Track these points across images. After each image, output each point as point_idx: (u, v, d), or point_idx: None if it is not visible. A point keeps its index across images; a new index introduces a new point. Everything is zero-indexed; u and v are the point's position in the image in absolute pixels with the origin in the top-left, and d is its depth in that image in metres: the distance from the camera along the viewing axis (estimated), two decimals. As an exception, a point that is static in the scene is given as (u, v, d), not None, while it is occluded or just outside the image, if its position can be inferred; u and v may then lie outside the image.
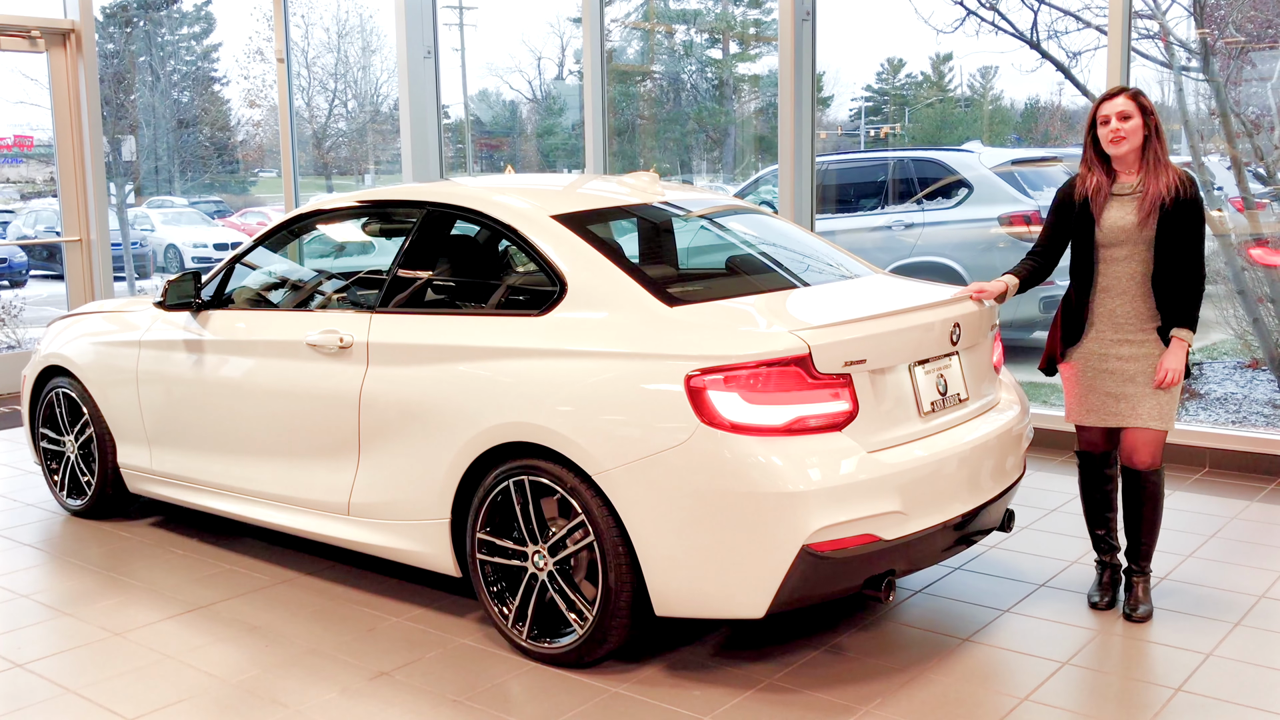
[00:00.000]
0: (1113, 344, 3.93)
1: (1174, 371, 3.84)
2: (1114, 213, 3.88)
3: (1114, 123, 3.83)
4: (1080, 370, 4.01)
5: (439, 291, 4.33)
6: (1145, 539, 4.01)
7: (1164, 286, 3.84)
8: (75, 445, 5.38)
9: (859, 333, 3.47)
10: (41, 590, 4.54)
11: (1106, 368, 3.94)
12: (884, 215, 8.93)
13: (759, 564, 3.28)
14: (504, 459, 3.70)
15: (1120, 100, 3.86)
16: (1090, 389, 3.99)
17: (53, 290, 14.93)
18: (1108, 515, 4.13)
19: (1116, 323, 3.92)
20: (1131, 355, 3.90)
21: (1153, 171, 3.84)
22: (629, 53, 11.63)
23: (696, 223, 4.63)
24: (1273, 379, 7.14)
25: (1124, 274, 3.89)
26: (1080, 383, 4.02)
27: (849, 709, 3.36)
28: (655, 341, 3.47)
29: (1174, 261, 3.82)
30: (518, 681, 3.60)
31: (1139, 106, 3.84)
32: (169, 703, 3.51)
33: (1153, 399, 3.89)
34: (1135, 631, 3.88)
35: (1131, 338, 3.91)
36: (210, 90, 20.72)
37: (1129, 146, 3.83)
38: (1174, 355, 3.85)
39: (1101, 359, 3.95)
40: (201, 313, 4.81)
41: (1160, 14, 7.13)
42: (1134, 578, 4.05)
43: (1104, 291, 3.93)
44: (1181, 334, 3.85)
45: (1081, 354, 4.00)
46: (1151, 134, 3.85)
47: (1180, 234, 3.81)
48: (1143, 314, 3.89)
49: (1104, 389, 3.96)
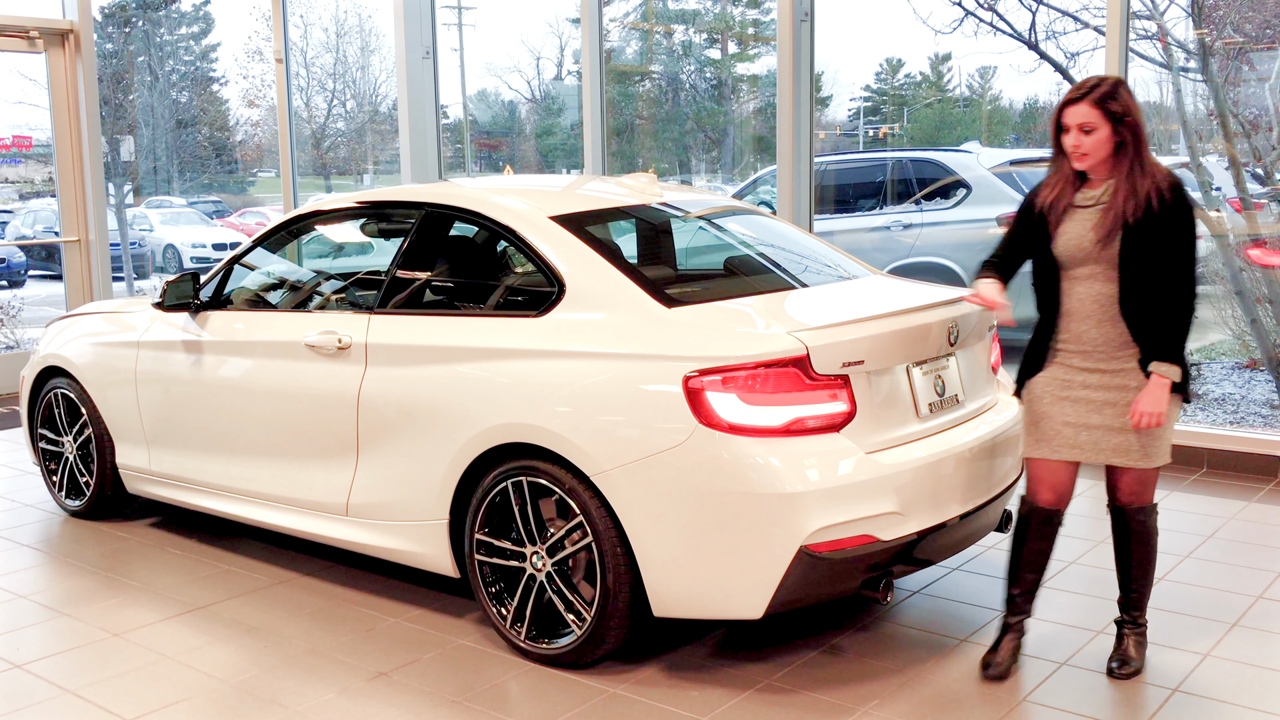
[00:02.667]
0: (1078, 371, 3.38)
1: (1149, 416, 3.25)
2: (1072, 227, 3.33)
3: (1074, 135, 3.27)
4: (1035, 398, 3.47)
5: (437, 292, 4.34)
6: (1138, 586, 3.55)
7: (1138, 311, 3.28)
8: (74, 446, 5.38)
9: (857, 334, 3.47)
10: (40, 591, 4.54)
11: (1069, 395, 3.39)
12: (882, 216, 8.94)
13: (757, 565, 3.28)
14: (502, 460, 3.70)
15: (1083, 109, 3.25)
16: (1045, 417, 3.42)
17: (51, 290, 14.93)
18: (1033, 577, 3.56)
19: (1082, 350, 3.38)
20: (1101, 384, 3.35)
21: (1125, 182, 3.26)
22: (628, 53, 11.64)
23: (695, 223, 4.64)
24: (1270, 379, 7.15)
25: (1088, 296, 3.34)
26: (1033, 411, 3.47)
27: (847, 709, 3.37)
28: (653, 342, 3.47)
29: (1150, 282, 3.25)
30: (516, 682, 3.61)
31: (1105, 115, 3.23)
32: (168, 703, 3.51)
33: (1128, 434, 3.34)
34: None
35: (1103, 366, 3.35)
36: (209, 90, 20.73)
37: (1092, 162, 3.29)
38: (1150, 395, 3.25)
39: (1064, 385, 3.40)
40: (200, 313, 4.81)
41: (1158, 15, 7.14)
42: (1125, 629, 3.61)
43: (1069, 315, 3.39)
44: (1161, 369, 3.25)
45: (1040, 380, 3.45)
46: (1127, 140, 3.25)
47: (1161, 250, 3.23)
48: (1114, 341, 3.33)
49: (1061, 417, 3.39)
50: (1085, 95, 3.26)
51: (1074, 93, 3.29)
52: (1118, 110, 3.24)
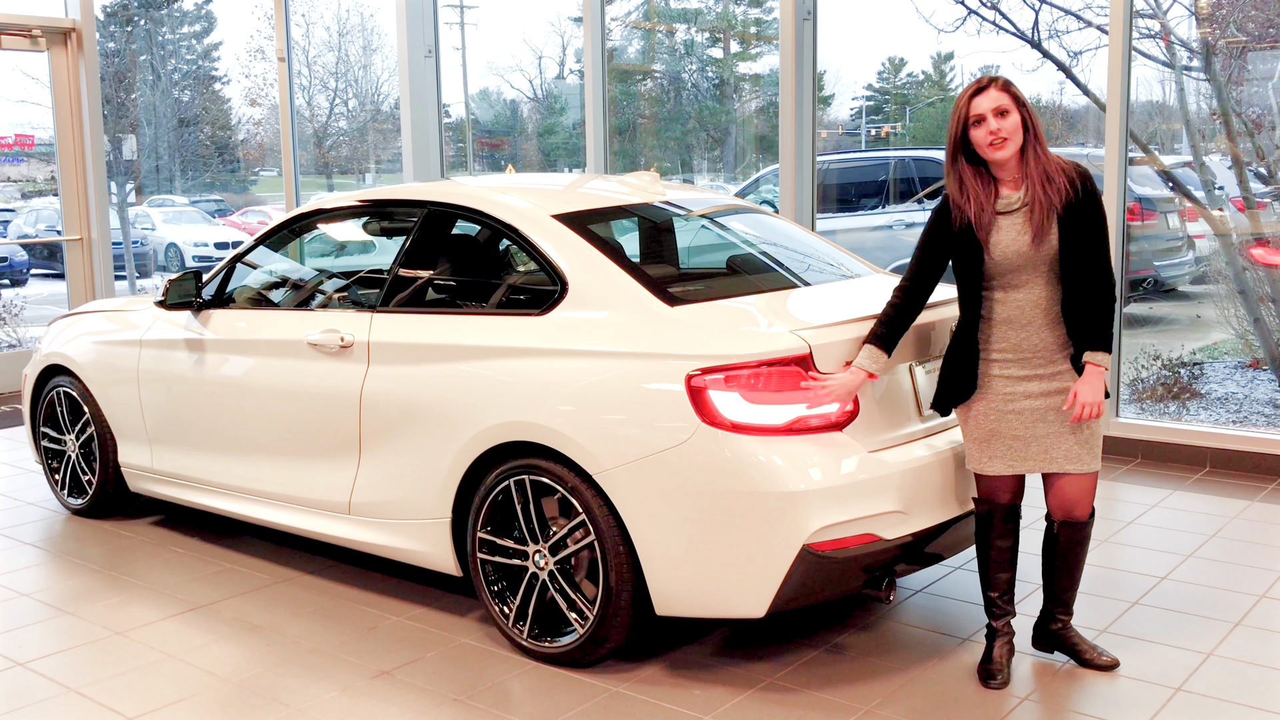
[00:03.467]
0: (1019, 380, 3.34)
1: (1090, 405, 3.26)
2: (1003, 235, 3.27)
3: (991, 121, 3.21)
4: (980, 414, 3.41)
5: (440, 291, 4.34)
6: (1070, 590, 3.54)
7: (1075, 309, 3.29)
8: (76, 444, 5.39)
9: (859, 332, 3.47)
10: (42, 589, 4.55)
11: (1012, 408, 3.35)
12: (885, 215, 8.94)
13: (759, 563, 3.28)
14: (505, 458, 3.70)
15: (993, 94, 3.21)
16: (994, 434, 3.38)
17: (53, 289, 14.94)
18: (1006, 576, 3.53)
19: (1022, 357, 3.34)
20: (1042, 391, 3.33)
21: (1037, 176, 3.24)
22: (630, 52, 11.64)
23: (697, 222, 4.64)
24: (1273, 379, 7.14)
25: (1026, 302, 3.31)
26: (981, 426, 3.41)
27: (849, 709, 3.37)
28: (656, 341, 3.47)
29: (1082, 276, 3.26)
30: (518, 681, 3.61)
31: (1013, 99, 3.22)
32: (170, 701, 3.51)
33: (1071, 438, 3.34)
34: (1134, 632, 3.88)
35: (1041, 372, 3.33)
36: (211, 89, 20.74)
37: (1012, 148, 3.23)
38: (1088, 384, 3.26)
39: (1007, 399, 3.35)
40: (202, 312, 4.81)
41: (1161, 13, 7.13)
42: (1067, 629, 3.59)
43: (1004, 323, 3.34)
44: (1096, 358, 3.27)
45: (981, 393, 3.40)
46: (1028, 133, 3.23)
47: (1082, 238, 3.25)
48: (1051, 345, 3.32)
49: (1010, 431, 3.36)
50: (991, 83, 3.25)
51: (974, 86, 3.27)
52: (1021, 96, 3.25)
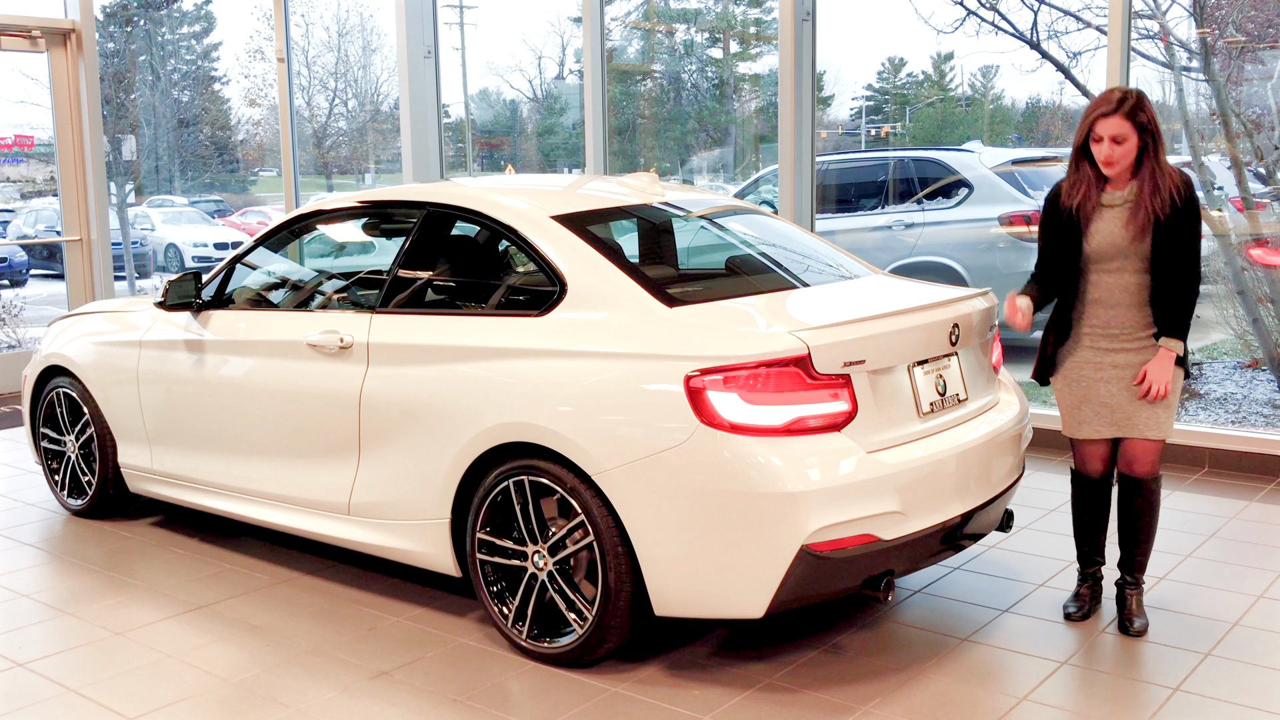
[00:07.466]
0: (1107, 353, 3.76)
1: (1157, 384, 3.68)
2: (1103, 225, 3.70)
3: (1106, 145, 3.62)
4: (1074, 381, 3.85)
5: (439, 292, 4.34)
6: (1141, 550, 3.88)
7: (1161, 297, 3.69)
8: (76, 445, 5.39)
9: (858, 333, 3.47)
10: (42, 590, 4.55)
11: (1101, 376, 3.78)
12: (884, 215, 8.93)
13: (758, 564, 3.28)
14: (504, 459, 3.71)
15: (1115, 121, 3.59)
16: (1084, 399, 3.82)
17: (53, 290, 14.94)
18: (1098, 534, 3.99)
19: (1111, 333, 3.76)
20: (1128, 364, 3.74)
21: (1148, 183, 3.63)
22: (629, 52, 11.64)
23: (696, 223, 4.64)
24: (1272, 379, 7.15)
25: (1116, 285, 3.73)
26: (1074, 394, 3.85)
27: (848, 709, 3.37)
28: (655, 342, 3.47)
29: (1171, 271, 3.65)
30: (517, 681, 3.61)
31: (1135, 126, 3.60)
32: (170, 702, 3.51)
33: (1149, 408, 3.74)
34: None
35: (1128, 345, 3.75)
36: (210, 89, 20.74)
37: (1119, 169, 3.65)
38: (1158, 366, 3.69)
39: (1096, 368, 3.78)
40: (202, 313, 4.81)
41: (1160, 14, 7.14)
42: (1128, 590, 3.91)
43: (1095, 303, 3.77)
44: (1169, 344, 3.69)
45: (1075, 364, 3.83)
46: (1149, 145, 3.63)
47: (1177, 241, 3.64)
48: (1138, 323, 3.74)
49: (1099, 399, 3.79)
50: (1117, 109, 3.60)
51: (1105, 106, 3.62)
52: (1144, 121, 3.61)
